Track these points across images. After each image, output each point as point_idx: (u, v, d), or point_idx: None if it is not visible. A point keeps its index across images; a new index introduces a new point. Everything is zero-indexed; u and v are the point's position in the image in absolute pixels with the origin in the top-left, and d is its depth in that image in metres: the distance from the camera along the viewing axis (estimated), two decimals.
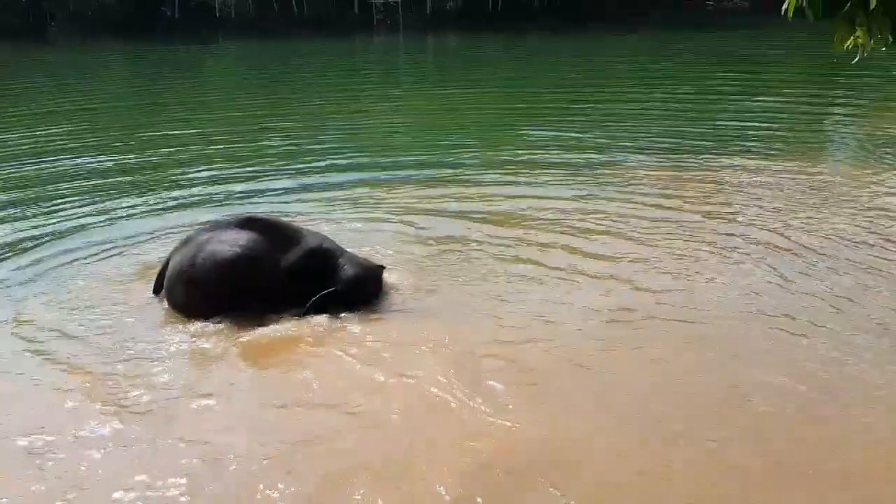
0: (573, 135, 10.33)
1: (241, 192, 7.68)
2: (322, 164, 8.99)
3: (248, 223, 4.67)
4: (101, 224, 6.58)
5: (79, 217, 6.80)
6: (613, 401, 3.58)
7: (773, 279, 4.92)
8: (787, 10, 3.64)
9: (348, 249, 4.86)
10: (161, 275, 4.75)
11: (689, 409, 3.51)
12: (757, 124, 10.73)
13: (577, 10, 38.73)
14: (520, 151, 9.25)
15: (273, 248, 4.53)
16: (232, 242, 4.50)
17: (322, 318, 4.39)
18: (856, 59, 4.00)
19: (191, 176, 8.43)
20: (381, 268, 4.84)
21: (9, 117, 13.79)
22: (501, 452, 3.15)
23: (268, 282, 4.45)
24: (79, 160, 9.41)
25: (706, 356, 4.00)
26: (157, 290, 4.78)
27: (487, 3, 42.04)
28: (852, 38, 3.67)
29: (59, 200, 7.38)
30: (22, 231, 6.38)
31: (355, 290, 4.52)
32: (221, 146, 10.46)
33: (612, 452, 3.19)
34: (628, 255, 5.41)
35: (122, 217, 6.79)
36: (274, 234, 4.62)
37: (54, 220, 6.67)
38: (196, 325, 4.38)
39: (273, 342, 4.21)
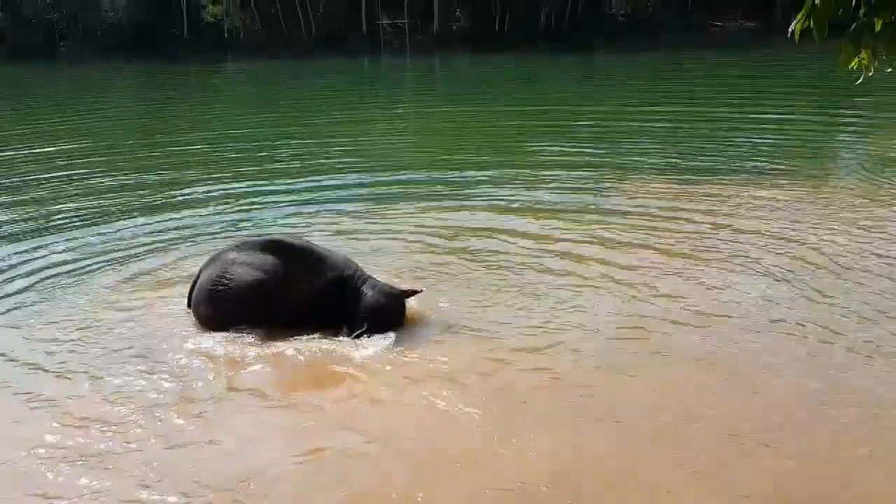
0: (580, 151, 10.44)
1: (250, 209, 7.77)
2: (331, 181, 9.10)
3: (274, 245, 4.71)
4: (110, 239, 6.68)
5: (87, 232, 6.91)
6: (626, 418, 3.62)
7: (782, 293, 4.97)
8: (794, 31, 3.71)
9: (374, 275, 4.82)
10: (192, 288, 4.85)
11: (703, 427, 3.56)
12: (765, 141, 10.81)
13: (584, 31, 38.99)
14: (527, 167, 9.36)
15: (297, 272, 4.58)
16: (257, 265, 4.58)
17: (337, 339, 4.44)
18: (859, 80, 4.08)
19: (200, 193, 8.53)
20: (406, 295, 4.70)
21: (17, 135, 13.94)
22: (513, 471, 3.20)
23: (290, 306, 4.53)
24: (87, 178, 9.56)
25: (717, 372, 4.04)
26: (190, 304, 4.87)
27: (494, 23, 42.30)
28: (857, 58, 3.74)
29: (74, 216, 7.51)
30: (33, 246, 6.49)
31: (379, 317, 4.51)
32: (230, 164, 10.60)
33: (624, 471, 3.22)
34: (637, 268, 5.49)
35: (131, 233, 6.89)
36: (299, 257, 4.65)
37: (66, 235, 6.78)
38: (215, 340, 4.46)
39: (289, 363, 4.25)
